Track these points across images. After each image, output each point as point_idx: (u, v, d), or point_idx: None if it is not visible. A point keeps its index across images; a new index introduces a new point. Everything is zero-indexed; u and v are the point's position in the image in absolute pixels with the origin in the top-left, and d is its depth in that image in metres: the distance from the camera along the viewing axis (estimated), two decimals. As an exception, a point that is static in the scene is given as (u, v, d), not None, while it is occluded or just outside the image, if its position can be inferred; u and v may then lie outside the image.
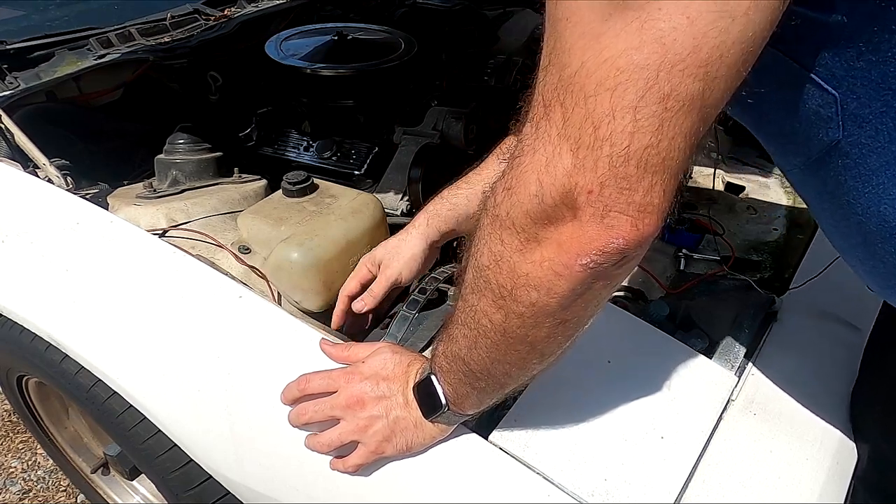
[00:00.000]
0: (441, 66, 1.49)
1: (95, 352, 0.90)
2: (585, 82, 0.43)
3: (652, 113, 0.42)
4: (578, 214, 0.46)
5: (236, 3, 1.58)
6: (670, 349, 0.85)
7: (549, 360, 0.60)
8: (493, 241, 0.52)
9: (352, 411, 0.69)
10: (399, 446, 0.69)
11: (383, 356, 0.71)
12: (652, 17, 0.40)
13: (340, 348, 0.76)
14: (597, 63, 0.42)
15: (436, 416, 0.67)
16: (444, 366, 0.63)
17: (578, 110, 0.44)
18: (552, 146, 0.46)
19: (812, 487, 0.76)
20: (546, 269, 0.49)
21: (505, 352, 0.58)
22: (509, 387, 0.63)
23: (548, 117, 0.46)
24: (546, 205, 0.47)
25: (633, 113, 0.42)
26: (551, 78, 0.45)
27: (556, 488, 0.68)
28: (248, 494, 0.87)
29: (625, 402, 0.77)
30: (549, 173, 0.46)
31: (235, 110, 1.35)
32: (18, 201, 1.01)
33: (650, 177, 0.44)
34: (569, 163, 0.45)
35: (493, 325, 0.55)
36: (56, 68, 1.24)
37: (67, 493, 1.60)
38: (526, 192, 0.48)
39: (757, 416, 0.80)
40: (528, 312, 0.52)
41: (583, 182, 0.45)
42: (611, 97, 0.42)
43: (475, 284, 0.56)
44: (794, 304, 0.99)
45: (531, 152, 0.47)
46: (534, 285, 0.51)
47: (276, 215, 0.96)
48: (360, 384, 0.69)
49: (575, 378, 0.79)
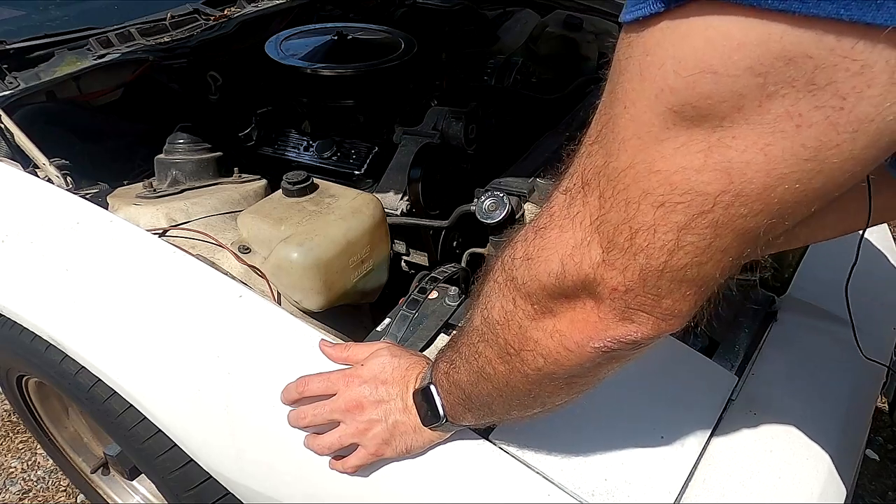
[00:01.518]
0: (441, 66, 1.49)
1: (95, 352, 0.90)
2: (631, 186, 0.38)
3: (699, 238, 0.37)
4: (598, 304, 0.44)
5: (236, 3, 1.57)
6: (670, 349, 0.85)
7: (554, 407, 0.59)
8: (506, 300, 0.50)
9: (351, 415, 0.69)
10: (398, 449, 0.69)
11: (382, 359, 0.71)
12: (723, 144, 0.34)
13: (339, 349, 0.76)
14: (647, 171, 0.37)
15: (435, 425, 0.66)
16: (445, 385, 0.63)
17: (617, 211, 0.39)
18: (582, 233, 0.42)
19: (812, 487, 0.76)
20: (556, 341, 0.48)
21: (507, 398, 0.57)
22: (510, 418, 0.63)
23: (584, 199, 0.42)
24: (565, 285, 0.45)
25: (677, 233, 0.37)
26: (597, 159, 0.41)
27: (556, 488, 0.68)
28: (248, 494, 0.87)
29: (625, 401, 0.77)
30: (573, 259, 0.43)
31: (235, 110, 1.35)
32: (18, 201, 1.01)
33: (683, 289, 0.41)
34: (597, 257, 0.42)
35: (497, 374, 0.55)
36: (56, 68, 1.23)
37: (67, 493, 1.60)
38: (546, 268, 0.45)
39: (757, 416, 0.80)
40: (534, 374, 0.52)
41: (609, 280, 0.42)
42: (655, 211, 0.37)
43: (483, 333, 0.54)
44: (794, 304, 0.99)
45: (559, 229, 0.44)
46: (542, 353, 0.49)
47: (276, 215, 0.96)
48: (360, 388, 0.69)
49: (575, 378, 0.79)
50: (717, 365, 0.85)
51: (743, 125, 0.33)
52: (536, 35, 1.53)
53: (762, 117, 0.32)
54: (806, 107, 0.31)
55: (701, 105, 0.33)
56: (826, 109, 0.30)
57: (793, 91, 0.31)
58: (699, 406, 0.78)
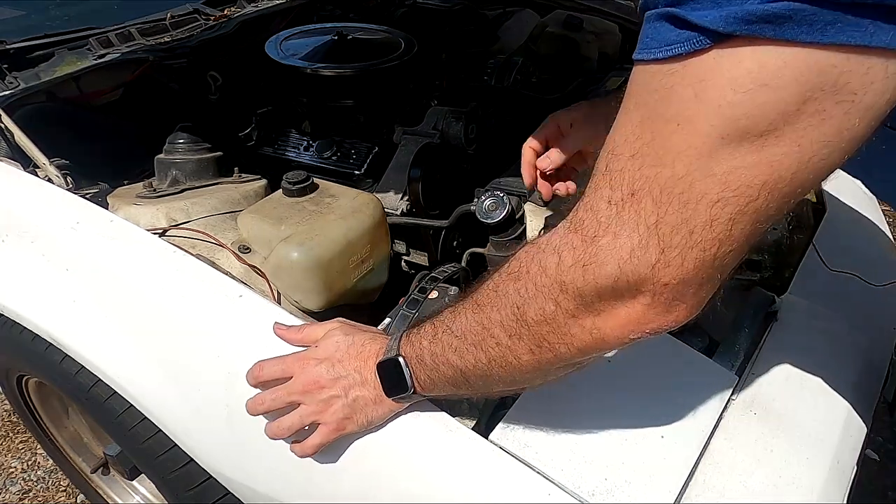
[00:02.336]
0: (441, 66, 1.48)
1: (95, 352, 0.90)
2: (688, 191, 0.45)
3: (744, 226, 0.45)
4: (647, 299, 0.49)
5: (236, 3, 1.57)
6: (670, 349, 0.85)
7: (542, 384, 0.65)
8: (547, 300, 0.54)
9: (310, 395, 0.70)
10: (360, 422, 0.71)
11: (336, 338, 0.73)
12: (770, 143, 0.42)
13: (294, 331, 0.78)
14: (704, 175, 0.44)
15: (399, 396, 0.68)
16: (427, 362, 0.65)
17: (674, 213, 0.46)
18: (639, 237, 0.48)
19: (812, 487, 0.76)
20: (594, 336, 0.53)
21: (515, 380, 0.62)
22: (487, 394, 0.67)
23: (636, 207, 0.47)
24: (619, 287, 0.50)
25: (729, 225, 0.45)
26: (646, 170, 0.46)
27: (556, 487, 0.68)
28: (248, 494, 0.87)
29: (625, 401, 0.77)
30: (631, 262, 0.48)
31: (235, 110, 1.35)
32: (18, 201, 1.01)
33: (720, 275, 0.48)
34: (654, 258, 0.47)
35: (521, 363, 0.59)
36: (56, 68, 1.23)
37: (67, 493, 1.60)
38: (603, 272, 0.50)
39: (757, 416, 0.80)
40: (558, 361, 0.57)
41: (664, 277, 0.48)
42: (711, 209, 0.44)
43: (511, 328, 0.58)
44: (794, 304, 0.99)
45: (613, 236, 0.49)
46: (577, 346, 0.55)
47: (277, 215, 0.96)
48: (316, 367, 0.70)
49: (575, 378, 0.78)
50: (717, 365, 0.85)
51: (785, 126, 0.41)
52: (536, 35, 1.53)
53: (799, 117, 0.41)
54: (830, 103, 0.40)
55: (755, 113, 0.41)
56: (844, 104, 0.40)
57: (822, 94, 0.40)
58: (699, 406, 0.78)
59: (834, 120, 0.41)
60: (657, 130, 0.45)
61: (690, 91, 0.43)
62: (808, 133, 0.41)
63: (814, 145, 0.42)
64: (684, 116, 0.44)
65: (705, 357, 0.85)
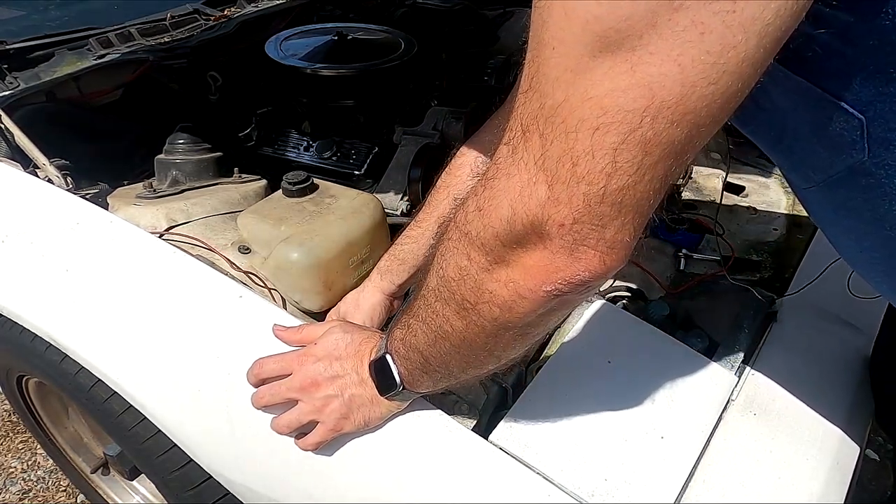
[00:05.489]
0: (441, 66, 1.48)
1: (95, 352, 0.90)
2: (567, 117, 0.42)
3: (632, 156, 0.42)
4: (548, 244, 0.47)
5: (236, 3, 1.57)
6: (670, 349, 0.85)
7: (506, 363, 0.62)
8: (461, 255, 0.53)
9: (307, 393, 0.70)
10: (357, 422, 0.70)
11: (335, 336, 0.72)
12: (643, 61, 0.39)
13: (293, 331, 0.77)
14: (581, 99, 0.42)
15: (391, 394, 0.68)
16: (402, 352, 0.65)
17: (558, 144, 0.43)
18: (528, 174, 0.46)
19: (812, 487, 0.76)
20: (511, 289, 0.50)
21: (464, 355, 0.59)
22: (464, 379, 0.65)
23: (525, 144, 0.46)
24: (516, 230, 0.48)
25: (613, 154, 0.42)
26: (532, 105, 0.45)
27: (556, 488, 0.68)
28: (248, 494, 0.87)
29: (625, 402, 0.77)
30: (522, 201, 0.46)
31: (235, 110, 1.35)
32: (18, 201, 1.01)
33: (623, 216, 0.45)
34: (543, 194, 0.45)
35: (455, 331, 0.57)
36: (56, 68, 1.23)
37: (67, 493, 1.60)
38: (497, 215, 0.48)
39: (757, 416, 0.80)
40: (490, 326, 0.54)
41: (556, 215, 0.45)
42: (592, 136, 0.42)
43: (439, 292, 0.57)
44: (794, 304, 0.99)
45: (505, 176, 0.48)
46: (497, 303, 0.52)
47: (276, 215, 0.96)
48: (314, 365, 0.70)
49: (575, 378, 0.79)
50: (717, 365, 0.85)
51: (657, 40, 0.38)
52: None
53: (672, 30, 0.38)
54: (706, 14, 0.37)
55: (622, 27, 0.39)
56: (722, 14, 0.37)
57: (695, 2, 0.37)
58: (699, 406, 0.78)
59: (714, 34, 0.38)
60: (540, 59, 0.43)
61: (560, 10, 0.41)
62: (687, 50, 0.38)
63: (696, 64, 0.38)
64: (558, 38, 0.42)
65: (705, 357, 0.85)
